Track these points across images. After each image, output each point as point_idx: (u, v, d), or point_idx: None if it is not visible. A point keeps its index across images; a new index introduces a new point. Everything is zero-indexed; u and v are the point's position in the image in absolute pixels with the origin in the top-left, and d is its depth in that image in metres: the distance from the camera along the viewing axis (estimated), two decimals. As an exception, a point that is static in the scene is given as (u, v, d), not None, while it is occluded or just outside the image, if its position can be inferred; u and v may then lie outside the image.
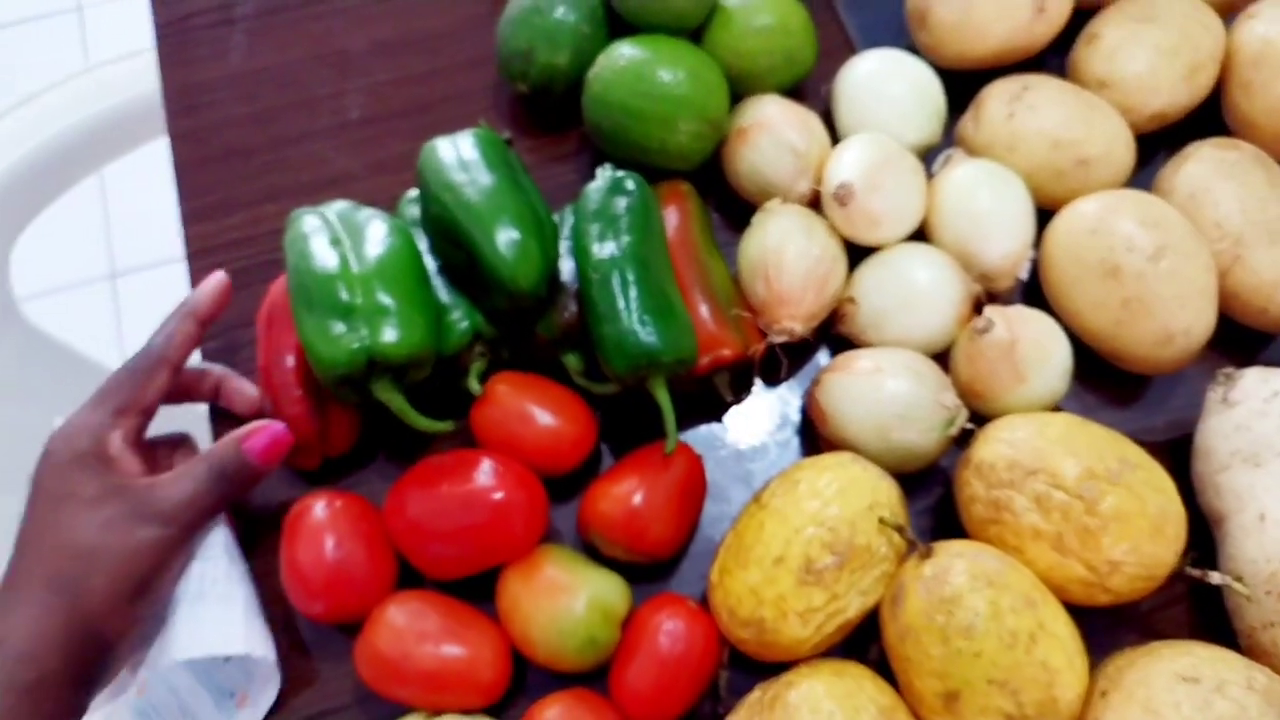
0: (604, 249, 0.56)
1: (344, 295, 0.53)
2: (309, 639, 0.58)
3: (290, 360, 0.58)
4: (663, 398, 0.55)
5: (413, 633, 0.53)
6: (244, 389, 0.62)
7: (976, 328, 0.58)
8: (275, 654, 0.55)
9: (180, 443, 0.60)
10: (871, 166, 0.61)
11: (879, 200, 0.60)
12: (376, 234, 0.57)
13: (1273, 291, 0.61)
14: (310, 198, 0.68)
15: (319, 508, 0.56)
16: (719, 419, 0.64)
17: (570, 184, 0.70)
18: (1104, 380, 0.63)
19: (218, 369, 0.62)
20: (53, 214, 0.91)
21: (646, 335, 0.54)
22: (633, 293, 0.55)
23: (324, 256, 0.55)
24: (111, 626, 0.51)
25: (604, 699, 0.54)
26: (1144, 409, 0.64)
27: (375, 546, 0.56)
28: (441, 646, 0.53)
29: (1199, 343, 0.59)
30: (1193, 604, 0.59)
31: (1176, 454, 0.60)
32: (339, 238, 0.56)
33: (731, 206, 0.67)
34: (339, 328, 0.52)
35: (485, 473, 0.55)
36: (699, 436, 0.63)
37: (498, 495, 0.54)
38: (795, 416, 0.64)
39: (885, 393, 0.57)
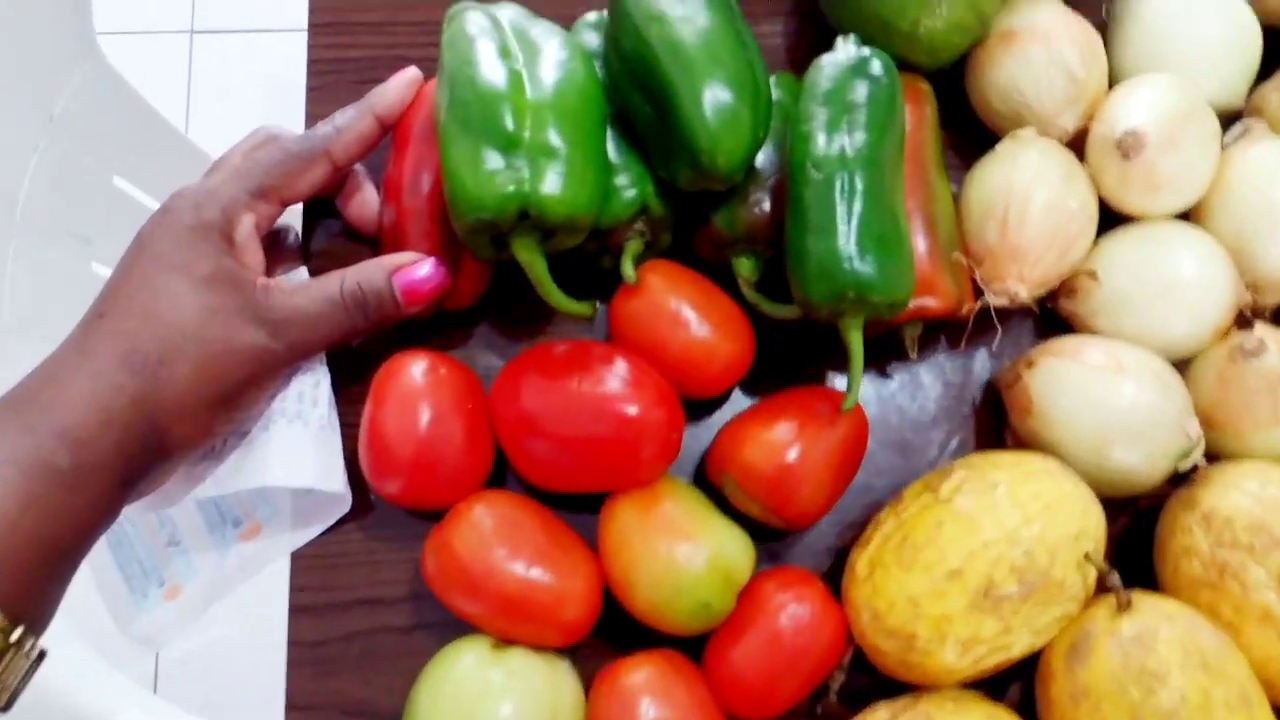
0: (833, 143, 0.44)
1: (509, 122, 0.42)
2: (374, 513, 0.50)
3: (427, 183, 0.48)
4: (855, 342, 0.45)
5: (497, 541, 0.45)
6: (369, 193, 0.52)
7: (1242, 347, 0.47)
8: (345, 483, 0.48)
9: (281, 236, 0.51)
10: (1172, 117, 0.48)
11: (1171, 161, 0.48)
12: (554, 55, 0.46)
13: None
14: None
15: (417, 370, 0.46)
16: (887, 372, 0.54)
17: (773, 48, 0.58)
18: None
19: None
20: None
21: (863, 263, 0.43)
22: (858, 207, 0.43)
23: (491, 69, 0.44)
24: (180, 430, 0.42)
25: (698, 671, 0.46)
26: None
27: (475, 430, 0.47)
28: (528, 567, 0.44)
29: None
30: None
31: None
32: (509, 49, 0.45)
33: (966, 126, 0.55)
34: (495, 160, 0.42)
35: (619, 378, 0.45)
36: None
37: (630, 409, 0.44)
38: (977, 393, 0.53)
39: (1122, 399, 0.46)
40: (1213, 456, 0.48)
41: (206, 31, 1.48)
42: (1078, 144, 0.52)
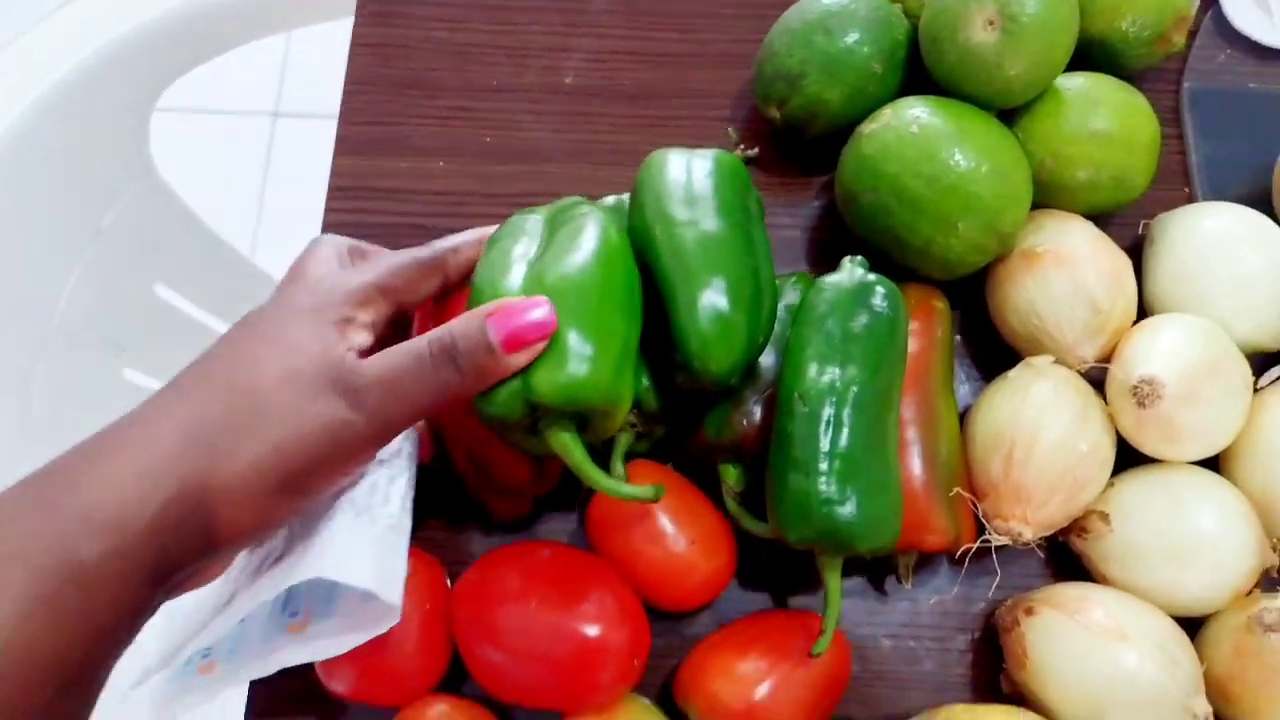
0: (823, 374, 0.43)
1: None
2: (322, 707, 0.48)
3: None
4: (833, 582, 0.43)
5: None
6: None
7: (1263, 621, 0.44)
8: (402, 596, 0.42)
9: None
10: (1195, 368, 0.46)
11: (1190, 414, 0.45)
12: (580, 241, 0.42)
13: None
14: (487, 164, 0.57)
15: None
16: (884, 591, 0.51)
17: (792, 241, 0.57)
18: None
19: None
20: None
21: (844, 510, 0.41)
22: (843, 446, 0.42)
23: (503, 270, 0.42)
24: (233, 517, 0.35)
25: None
26: None
27: (432, 630, 0.45)
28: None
29: None
30: None
31: None
32: (532, 242, 0.43)
33: (984, 338, 0.53)
34: None
35: (583, 590, 0.43)
36: (846, 609, 0.50)
37: (590, 630, 0.43)
38: (977, 627, 0.50)
39: (1120, 669, 0.43)
40: (1227, 730, 0.44)
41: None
42: (1101, 374, 0.49)
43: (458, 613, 0.45)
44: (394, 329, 0.43)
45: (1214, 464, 0.49)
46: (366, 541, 0.41)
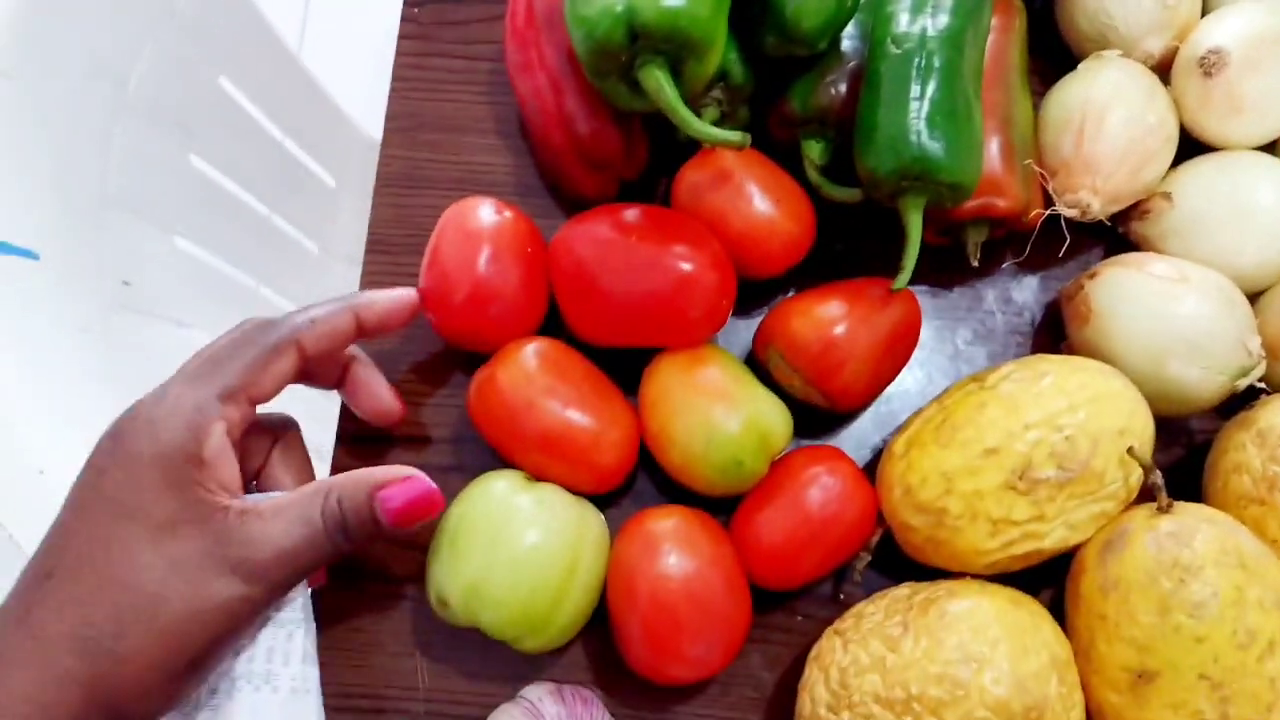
0: (915, 22, 0.45)
1: None
2: (424, 355, 0.51)
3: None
4: (914, 222, 0.45)
5: (543, 380, 0.46)
6: (377, 385, 0.47)
7: (1316, 278, 0.46)
8: None
9: (281, 431, 0.44)
10: (1259, 38, 0.48)
11: (1254, 81, 0.48)
12: None
13: None
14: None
15: (483, 213, 0.48)
16: (949, 282, 0.54)
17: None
18: None
19: (351, 350, 0.47)
20: None
21: (931, 139, 0.43)
22: (933, 84, 0.44)
23: None
24: (141, 708, 0.36)
25: (725, 533, 0.46)
26: None
27: (531, 276, 0.48)
28: (569, 408, 0.45)
29: None
30: None
31: None
32: None
33: (1053, 54, 0.55)
34: None
35: (677, 237, 0.46)
36: (920, 293, 0.53)
37: (685, 266, 0.45)
38: (1038, 309, 0.53)
39: (1183, 309, 0.45)
40: (1277, 390, 0.47)
41: None
42: (1164, 74, 0.51)
43: (555, 259, 0.48)
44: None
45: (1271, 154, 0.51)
46: (273, 712, 0.40)
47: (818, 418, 0.50)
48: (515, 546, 0.43)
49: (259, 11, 0.93)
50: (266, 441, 0.43)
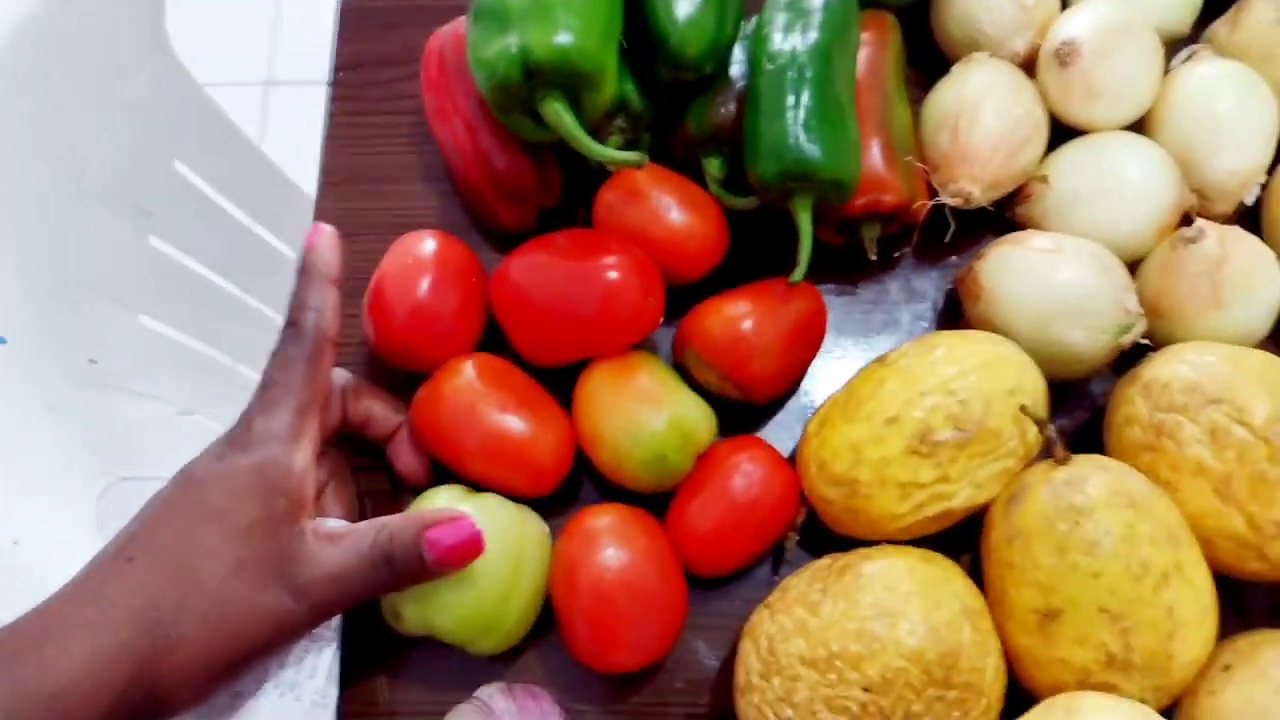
0: (788, 40, 0.49)
1: (511, 2, 0.46)
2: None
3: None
4: (804, 220, 0.49)
5: (482, 392, 0.49)
6: (380, 409, 0.50)
7: (1184, 236, 0.50)
8: None
9: (336, 466, 0.49)
10: (1106, 29, 0.52)
11: (1106, 70, 0.52)
12: None
13: None
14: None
15: (427, 243, 0.52)
16: (853, 279, 0.57)
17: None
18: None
19: (341, 376, 0.49)
20: None
21: (809, 142, 0.47)
22: (806, 93, 0.48)
23: None
24: (179, 697, 0.38)
25: (660, 526, 0.49)
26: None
27: (470, 301, 0.51)
28: (507, 415, 0.48)
29: None
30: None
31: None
32: None
33: (930, 61, 0.59)
34: (501, 34, 0.46)
35: (602, 250, 0.49)
36: (826, 291, 0.56)
37: (611, 274, 0.49)
38: (938, 295, 0.57)
39: (1060, 277, 0.49)
40: (1161, 345, 0.50)
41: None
42: (1032, 70, 0.56)
43: (495, 285, 0.51)
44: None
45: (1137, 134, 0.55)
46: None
47: (743, 414, 0.53)
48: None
49: (209, 98, 0.97)
50: (324, 473, 0.47)
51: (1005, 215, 0.56)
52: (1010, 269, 0.50)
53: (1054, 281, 0.49)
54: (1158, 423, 0.46)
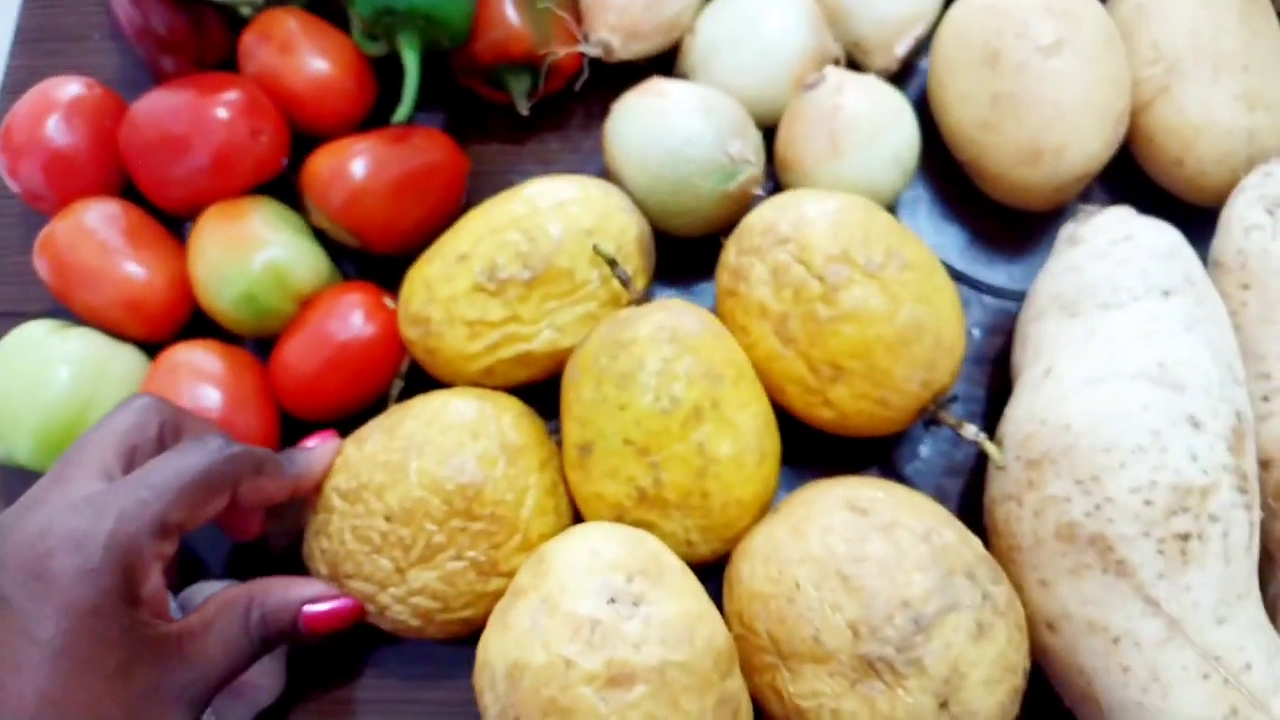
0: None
1: None
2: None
3: None
4: (410, 58, 0.48)
5: (92, 234, 0.49)
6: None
7: (805, 83, 0.48)
8: None
9: None
10: None
11: (742, -90, 0.50)
12: None
13: (1193, 138, 0.48)
14: None
15: (66, 87, 0.52)
16: (518, 139, 0.56)
17: None
18: (988, 222, 0.53)
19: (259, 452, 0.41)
20: None
21: (403, -24, 0.46)
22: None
23: None
24: None
25: (259, 367, 0.49)
26: (1020, 265, 0.53)
27: (106, 143, 0.51)
28: (119, 259, 0.49)
29: (1074, 173, 0.48)
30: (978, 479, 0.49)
31: (1006, 299, 0.49)
32: None
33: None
34: None
35: (218, 89, 0.49)
36: (490, 151, 0.55)
37: (220, 113, 0.48)
38: (594, 147, 0.55)
39: (665, 120, 0.48)
40: (786, 197, 0.49)
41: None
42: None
43: (123, 133, 0.50)
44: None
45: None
46: None
47: (376, 268, 0.52)
48: (28, 376, 0.46)
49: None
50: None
51: (674, 74, 0.54)
52: (627, 118, 0.49)
53: (658, 126, 0.48)
54: (738, 266, 0.45)
